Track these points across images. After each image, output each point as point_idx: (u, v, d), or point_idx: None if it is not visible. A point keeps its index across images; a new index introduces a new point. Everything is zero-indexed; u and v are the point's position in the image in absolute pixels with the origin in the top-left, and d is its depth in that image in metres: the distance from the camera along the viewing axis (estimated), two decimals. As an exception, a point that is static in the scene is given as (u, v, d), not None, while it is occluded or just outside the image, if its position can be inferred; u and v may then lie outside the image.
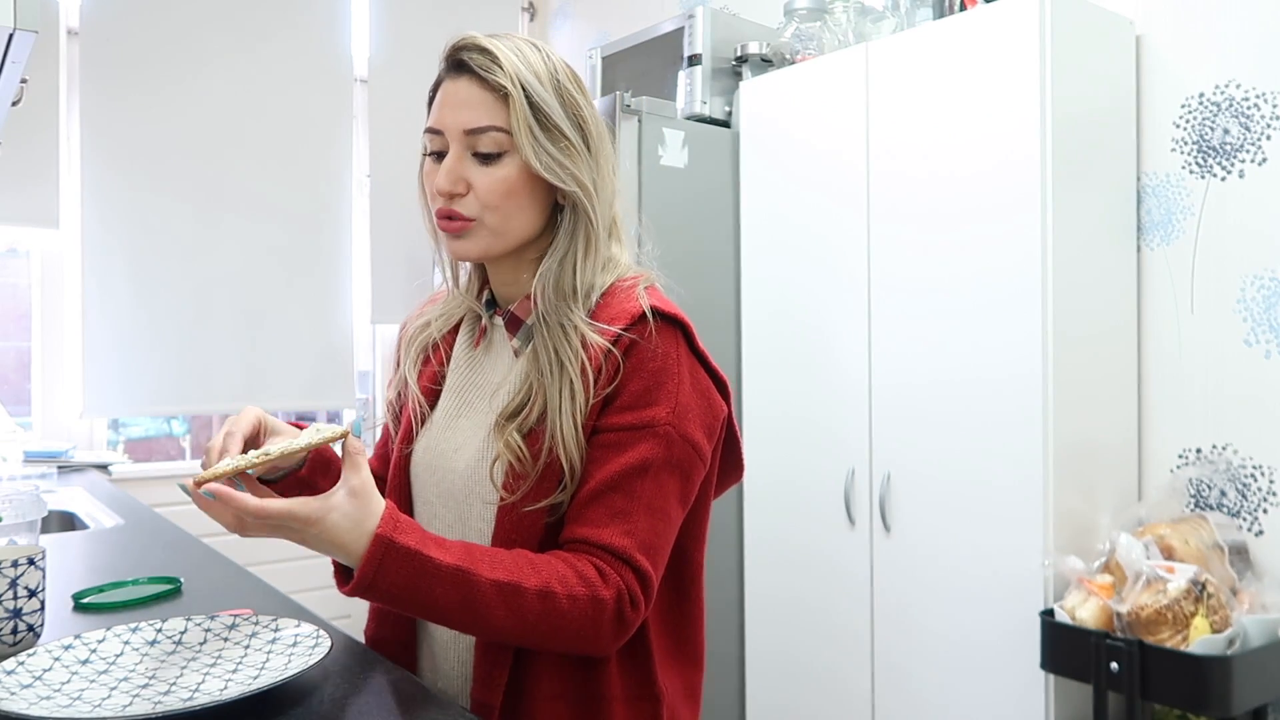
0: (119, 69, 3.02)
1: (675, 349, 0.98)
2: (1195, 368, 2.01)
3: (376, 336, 3.62)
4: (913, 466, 2.08)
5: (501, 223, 0.98)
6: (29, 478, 2.45)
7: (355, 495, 0.84)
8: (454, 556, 0.86)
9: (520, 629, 0.88)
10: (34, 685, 0.87)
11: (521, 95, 0.96)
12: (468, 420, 1.04)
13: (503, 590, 0.86)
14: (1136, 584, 1.71)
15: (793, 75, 2.36)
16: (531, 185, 0.98)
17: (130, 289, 3.03)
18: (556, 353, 0.97)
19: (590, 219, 1.00)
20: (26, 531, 1.27)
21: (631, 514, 0.93)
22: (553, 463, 0.95)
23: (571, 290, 0.99)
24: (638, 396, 0.95)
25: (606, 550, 0.92)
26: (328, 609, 3.19)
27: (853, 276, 2.20)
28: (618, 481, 0.93)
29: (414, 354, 1.12)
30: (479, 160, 0.97)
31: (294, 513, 0.82)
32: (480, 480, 0.99)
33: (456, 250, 1.01)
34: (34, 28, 1.14)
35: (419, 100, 3.87)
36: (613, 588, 0.90)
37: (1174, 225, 2.04)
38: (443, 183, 0.97)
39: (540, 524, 0.96)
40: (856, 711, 2.19)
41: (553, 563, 0.90)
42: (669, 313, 0.99)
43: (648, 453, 0.94)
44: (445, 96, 0.99)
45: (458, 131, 0.97)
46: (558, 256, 1.00)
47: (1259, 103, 1.92)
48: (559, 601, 0.88)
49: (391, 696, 0.90)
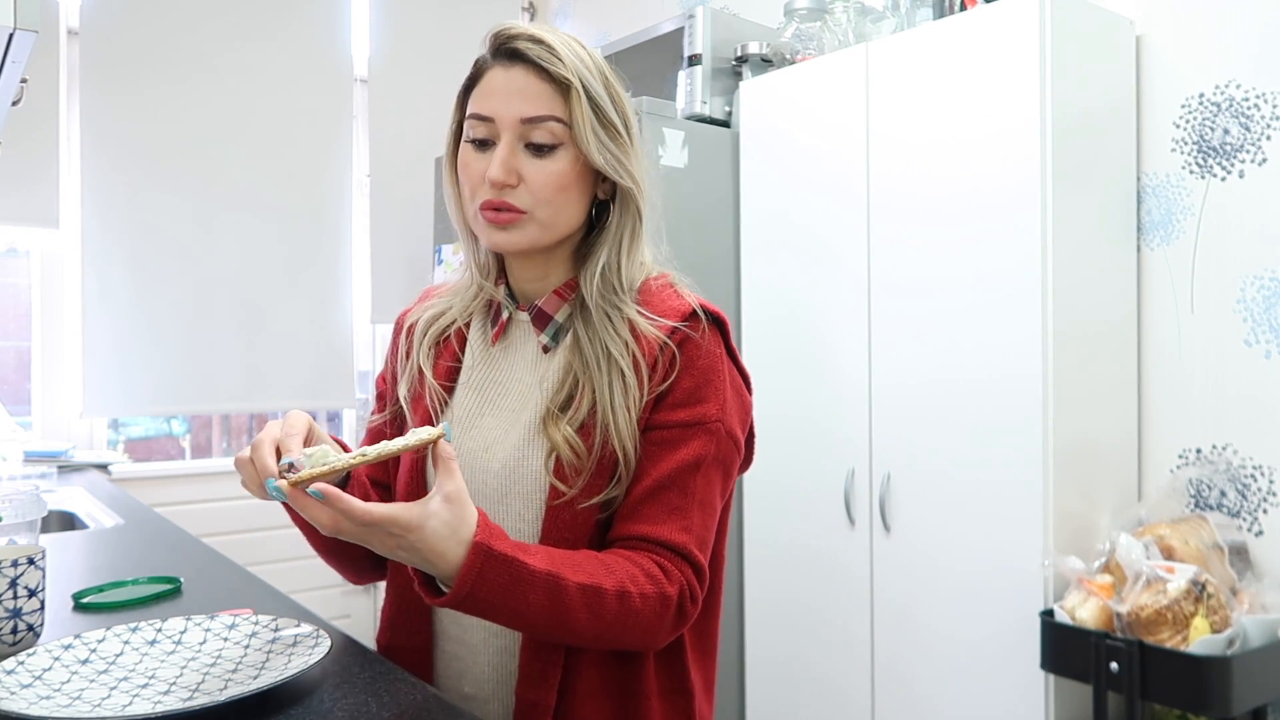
0: (119, 69, 3.02)
1: (719, 347, 0.99)
2: (1195, 368, 2.01)
3: (376, 336, 3.62)
4: (913, 466, 2.08)
5: (552, 216, 0.97)
6: (29, 477, 2.45)
7: (451, 502, 0.82)
8: (544, 561, 0.85)
9: (595, 630, 0.87)
10: (34, 685, 0.87)
11: (582, 88, 0.95)
12: (493, 419, 1.02)
13: (586, 593, 0.86)
14: (1136, 584, 1.71)
15: (793, 75, 2.36)
16: (581, 180, 0.98)
17: (130, 289, 3.03)
18: (605, 344, 0.96)
19: (639, 212, 1.01)
20: (26, 531, 1.27)
21: (687, 510, 0.94)
22: (606, 456, 0.94)
23: (620, 282, 1.00)
24: (689, 394, 0.96)
25: (667, 547, 0.92)
26: (328, 609, 3.20)
27: (853, 276, 2.20)
28: (673, 478, 0.94)
29: (426, 346, 1.09)
30: (532, 152, 0.96)
31: (396, 518, 0.79)
32: (520, 479, 0.98)
33: (501, 242, 0.98)
34: (34, 28, 1.14)
35: (419, 100, 3.86)
36: (676, 584, 0.91)
37: (1174, 225, 2.04)
38: (497, 172, 0.94)
39: (592, 521, 0.95)
40: (856, 711, 2.19)
41: (621, 563, 0.90)
42: (713, 311, 1.01)
43: (700, 449, 0.95)
44: (497, 84, 0.97)
45: (513, 120, 0.95)
46: (608, 247, 1.00)
47: (1259, 103, 1.92)
48: (633, 601, 0.88)
49: (391, 696, 0.90)
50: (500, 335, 1.06)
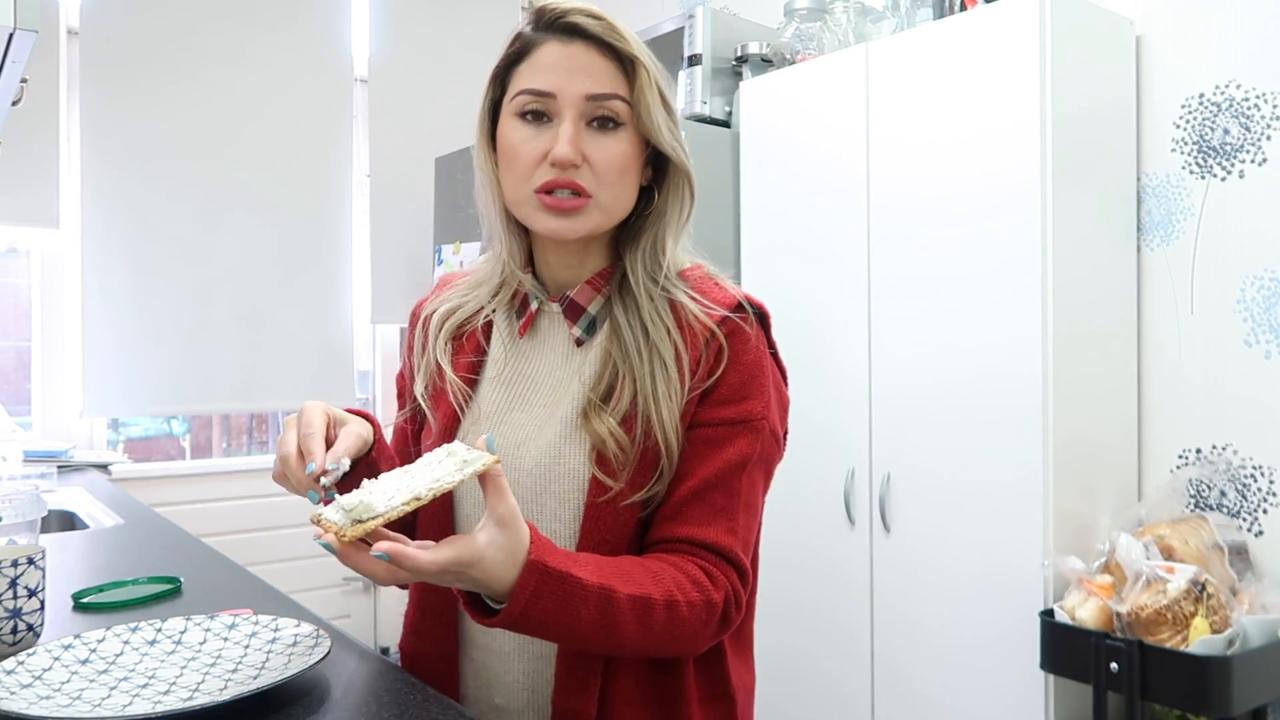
0: (119, 69, 3.02)
1: (761, 341, 0.96)
2: (1195, 368, 2.01)
3: (376, 336, 3.62)
4: (913, 466, 2.08)
5: (613, 200, 0.93)
6: (29, 477, 2.45)
7: (504, 525, 0.77)
8: (595, 574, 0.82)
9: (643, 640, 0.84)
10: (34, 685, 0.87)
11: (650, 65, 0.91)
12: (523, 414, 0.98)
13: (636, 605, 0.82)
14: (1136, 584, 1.71)
15: (793, 75, 2.36)
16: (638, 163, 0.94)
17: (130, 289, 3.03)
18: (645, 328, 0.93)
19: (691, 194, 0.98)
20: (26, 531, 1.27)
21: (733, 511, 0.91)
22: (648, 449, 0.90)
23: (663, 265, 0.96)
24: (735, 390, 0.93)
25: (712, 550, 0.89)
26: (328, 609, 3.20)
27: (853, 276, 2.20)
28: (719, 478, 0.91)
29: (443, 340, 1.03)
30: (594, 132, 0.91)
31: (459, 558, 0.75)
32: (558, 477, 0.93)
33: (562, 229, 0.92)
34: (34, 28, 1.14)
35: (419, 100, 3.85)
36: (721, 590, 0.88)
37: (1174, 225, 2.04)
38: (566, 150, 0.89)
39: (633, 521, 0.91)
40: (856, 711, 2.19)
41: (668, 569, 0.87)
42: (756, 303, 0.97)
43: (746, 449, 0.92)
44: (556, 59, 0.91)
45: (577, 97, 0.90)
46: (655, 228, 0.97)
47: (1259, 103, 1.92)
48: (681, 610, 0.85)
49: (391, 696, 0.90)
50: (528, 327, 1.00)
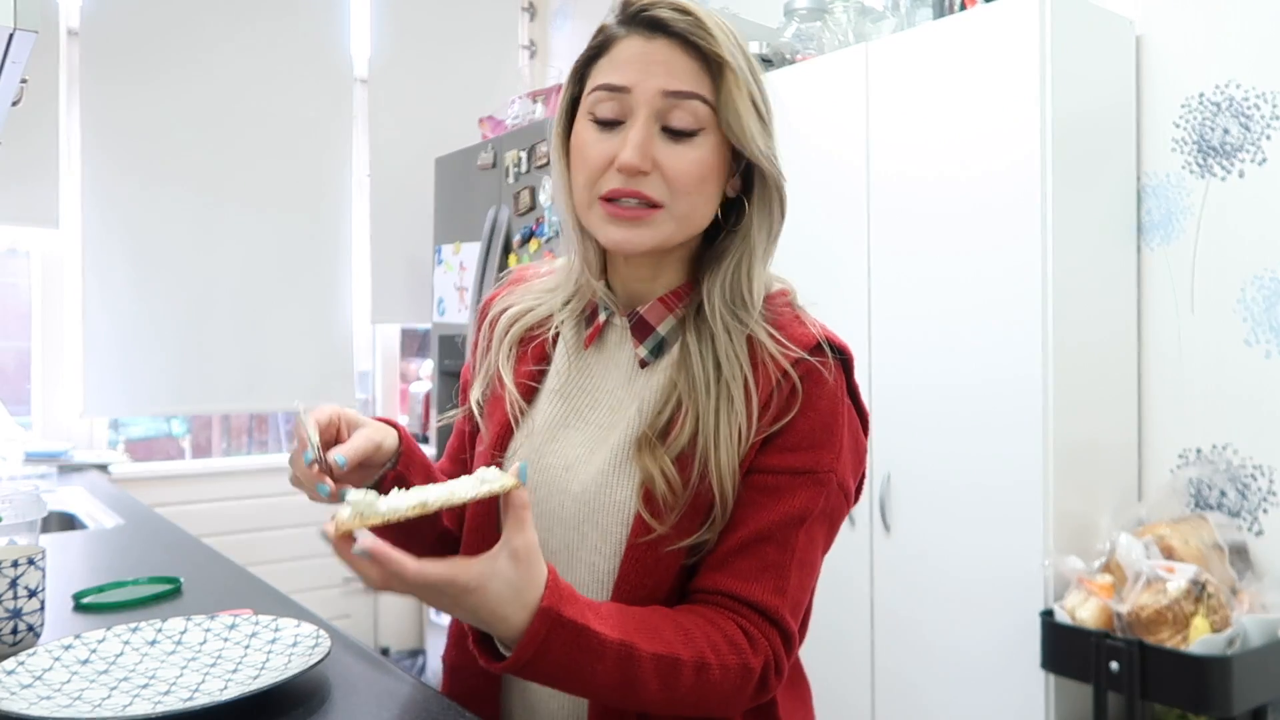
0: (119, 69, 3.02)
1: (840, 386, 0.88)
2: (1195, 368, 2.01)
3: (376, 336, 3.62)
4: (913, 467, 2.08)
5: (689, 211, 0.85)
6: (29, 478, 2.45)
7: (518, 560, 0.72)
8: (616, 628, 0.76)
9: (668, 702, 0.79)
10: (34, 685, 0.87)
11: (742, 67, 0.84)
12: (579, 433, 0.91)
13: (661, 664, 0.77)
14: (1136, 584, 1.71)
15: (793, 75, 2.36)
16: (719, 172, 0.86)
17: (130, 289, 3.03)
18: (717, 363, 0.85)
19: (781, 213, 0.89)
20: (26, 531, 1.27)
21: (785, 569, 0.84)
22: (702, 493, 0.83)
23: (749, 293, 0.87)
24: (805, 436, 0.85)
25: (756, 609, 0.82)
26: (328, 609, 3.20)
27: (852, 276, 2.20)
28: (774, 531, 0.83)
29: (507, 345, 0.97)
30: (669, 136, 0.84)
31: (454, 579, 0.71)
32: (603, 507, 0.87)
33: (628, 240, 0.85)
34: (34, 28, 1.14)
35: (419, 100, 3.85)
36: (761, 655, 0.82)
37: (1174, 225, 2.04)
38: (632, 156, 0.82)
39: (677, 566, 0.84)
40: (855, 711, 2.19)
41: (703, 626, 0.80)
42: (838, 344, 0.89)
43: (808, 502, 0.84)
44: (634, 54, 0.84)
45: (653, 93, 0.83)
46: (738, 251, 0.88)
47: (1259, 103, 1.92)
48: (712, 673, 0.79)
49: (391, 696, 0.90)
50: (594, 339, 0.94)
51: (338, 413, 0.87)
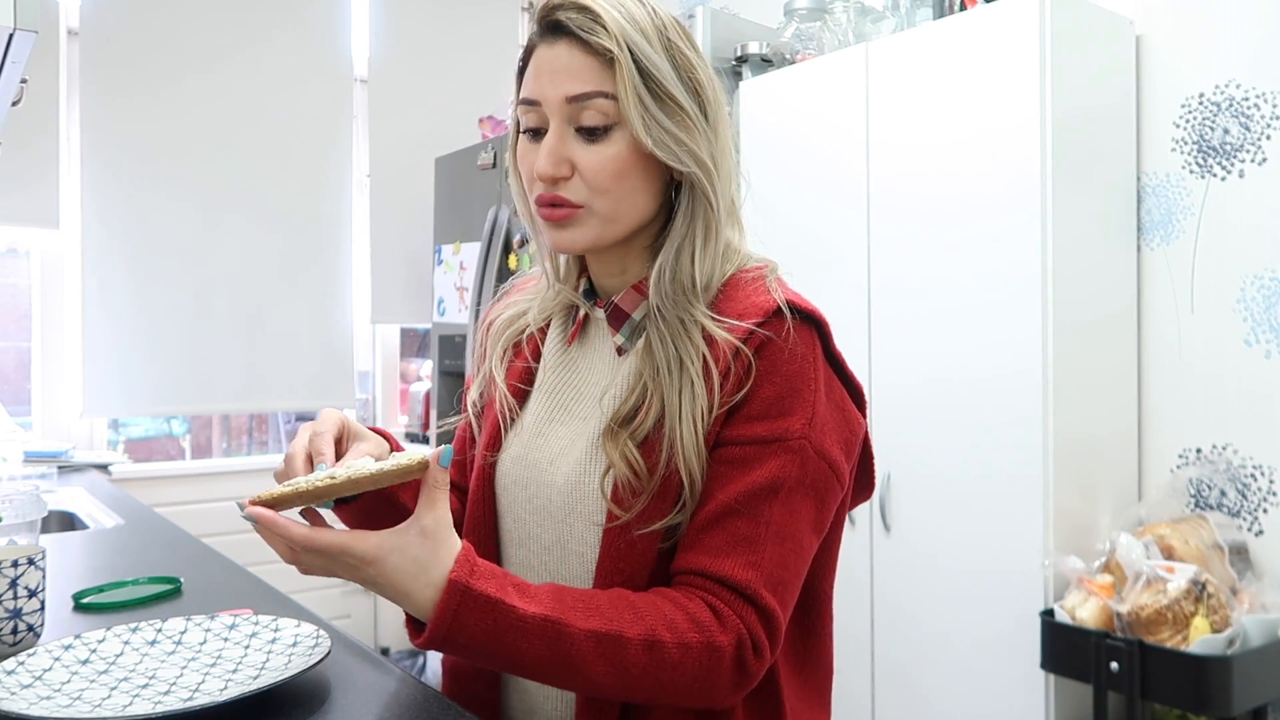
0: (119, 69, 3.02)
1: (812, 351, 0.86)
2: (1195, 367, 2.01)
3: (376, 336, 3.62)
4: (913, 466, 2.08)
5: (612, 208, 0.86)
6: (29, 478, 2.45)
7: (426, 536, 0.73)
8: (541, 605, 0.75)
9: (624, 684, 0.76)
10: (34, 685, 0.87)
11: (629, 58, 0.82)
12: (564, 427, 0.93)
13: (600, 641, 0.75)
14: (1136, 584, 1.71)
15: (793, 75, 2.36)
16: (644, 162, 0.86)
17: (130, 289, 3.03)
18: (676, 350, 0.84)
19: (710, 201, 0.88)
20: (26, 531, 1.27)
21: (758, 542, 0.80)
22: (670, 477, 0.82)
23: (691, 282, 0.87)
24: (769, 404, 0.83)
25: (725, 584, 0.79)
26: (328, 609, 3.20)
27: (853, 276, 2.20)
28: (743, 503, 0.80)
29: (500, 348, 1.00)
30: (584, 137, 0.85)
31: (348, 547, 0.71)
32: (584, 497, 0.88)
33: (561, 241, 0.88)
34: (34, 28, 1.14)
35: (419, 100, 3.85)
36: (731, 632, 0.78)
37: (1174, 225, 2.04)
38: (544, 165, 0.84)
39: (653, 550, 0.83)
40: (856, 710, 2.19)
41: (659, 604, 0.78)
42: (805, 309, 0.88)
43: (779, 470, 0.81)
44: (540, 64, 0.85)
45: (557, 102, 0.84)
46: (675, 244, 0.88)
47: (1259, 103, 1.92)
48: (667, 652, 0.76)
49: (391, 697, 0.90)
50: (578, 334, 0.96)
51: (340, 425, 0.87)
